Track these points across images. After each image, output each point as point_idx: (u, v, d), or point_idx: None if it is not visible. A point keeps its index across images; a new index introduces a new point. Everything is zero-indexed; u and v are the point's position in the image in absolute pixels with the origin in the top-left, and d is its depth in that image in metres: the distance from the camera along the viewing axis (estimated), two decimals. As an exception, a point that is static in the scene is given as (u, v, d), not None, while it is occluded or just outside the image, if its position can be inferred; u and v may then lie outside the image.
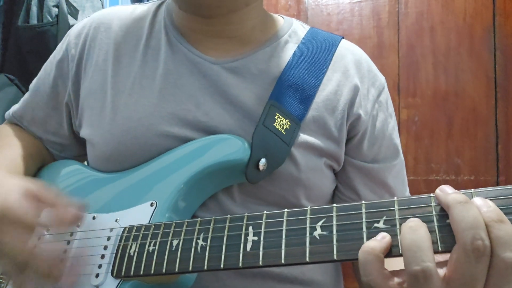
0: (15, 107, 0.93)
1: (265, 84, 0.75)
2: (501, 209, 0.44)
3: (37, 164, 0.88)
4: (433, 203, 0.48)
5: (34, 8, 1.46)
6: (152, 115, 0.74)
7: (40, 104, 0.88)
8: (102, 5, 1.68)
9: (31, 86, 0.91)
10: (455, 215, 0.44)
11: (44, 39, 1.45)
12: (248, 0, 0.76)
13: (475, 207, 0.44)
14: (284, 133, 0.71)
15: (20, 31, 1.46)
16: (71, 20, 1.51)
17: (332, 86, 0.77)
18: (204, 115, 0.73)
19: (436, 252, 0.45)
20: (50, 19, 1.45)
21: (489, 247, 0.42)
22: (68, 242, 0.71)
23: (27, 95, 0.92)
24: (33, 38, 1.46)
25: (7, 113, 0.94)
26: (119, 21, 0.84)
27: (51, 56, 0.89)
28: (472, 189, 0.47)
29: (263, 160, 0.69)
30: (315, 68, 0.77)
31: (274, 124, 0.71)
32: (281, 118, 0.72)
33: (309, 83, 0.75)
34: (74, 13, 1.54)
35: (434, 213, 0.47)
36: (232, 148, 0.70)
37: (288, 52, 0.79)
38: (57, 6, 1.46)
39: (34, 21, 1.46)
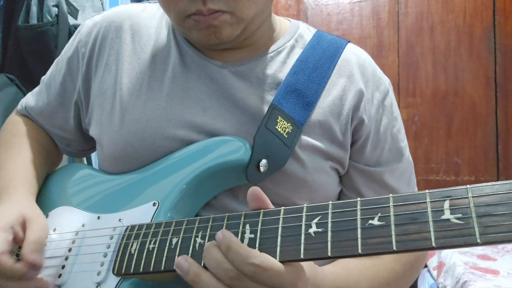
0: (28, 99, 0.94)
1: (270, 88, 0.76)
2: (497, 204, 0.44)
3: (47, 164, 0.90)
4: (428, 199, 0.48)
5: (34, 8, 1.46)
6: (160, 117, 0.75)
7: (49, 99, 0.89)
8: (102, 5, 1.68)
9: (44, 80, 0.92)
10: None
11: (44, 39, 1.45)
12: (258, 24, 0.76)
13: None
14: (286, 136, 0.72)
15: (20, 31, 1.46)
16: (71, 20, 1.51)
17: (337, 91, 0.78)
18: (210, 119, 0.74)
19: (430, 248, 0.46)
20: (50, 19, 1.45)
21: None
22: (74, 241, 0.73)
23: (39, 88, 0.93)
24: (33, 38, 1.45)
25: (20, 103, 0.96)
26: (130, 20, 0.84)
27: (63, 52, 0.90)
28: (468, 185, 0.47)
29: (263, 161, 0.70)
30: (318, 74, 0.77)
31: (276, 127, 0.72)
32: (283, 122, 0.73)
33: (310, 89, 0.76)
34: (74, 12, 1.54)
35: (428, 209, 0.47)
36: (233, 149, 0.70)
37: (294, 57, 0.80)
38: (57, 5, 1.46)
39: (34, 20, 1.46)
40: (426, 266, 2.24)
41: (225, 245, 0.53)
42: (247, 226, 0.56)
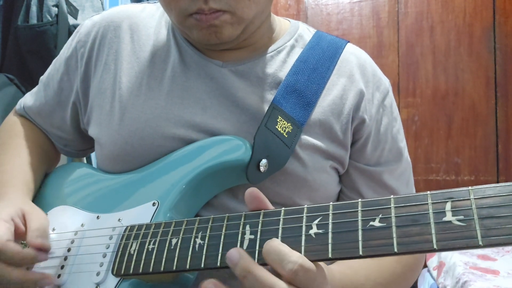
0: (26, 99, 0.94)
1: (270, 88, 0.76)
2: (500, 206, 0.44)
3: (45, 164, 0.90)
4: (429, 201, 0.48)
5: (34, 8, 1.46)
6: (160, 117, 0.75)
7: (47, 98, 0.90)
8: (102, 5, 1.68)
9: (43, 79, 0.92)
10: None
11: (44, 39, 1.45)
12: (258, 24, 0.76)
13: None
14: (286, 136, 0.72)
15: (19, 30, 1.46)
16: (70, 19, 1.51)
17: (337, 90, 0.78)
18: (210, 118, 0.74)
19: (432, 250, 0.45)
20: (50, 19, 1.45)
21: None
22: (73, 241, 0.73)
23: (37, 88, 0.93)
24: (33, 38, 1.45)
25: (18, 103, 0.96)
26: (129, 20, 0.84)
27: (61, 52, 0.90)
28: (470, 187, 0.47)
29: (263, 161, 0.70)
30: (317, 75, 0.78)
31: (276, 127, 0.72)
32: (283, 121, 0.73)
33: (310, 89, 0.76)
34: (74, 12, 1.54)
35: (430, 210, 0.47)
36: (233, 148, 0.70)
37: (294, 57, 0.80)
38: (57, 5, 1.46)
39: (33, 20, 1.46)
40: (426, 266, 2.24)
41: (266, 245, 0.52)
42: (247, 227, 0.56)
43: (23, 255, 0.66)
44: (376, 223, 0.49)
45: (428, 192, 0.48)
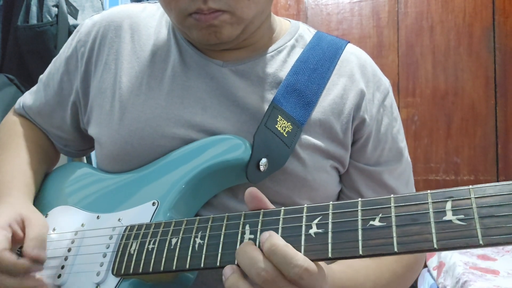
0: (25, 98, 0.94)
1: (270, 87, 0.77)
2: (500, 205, 0.44)
3: (45, 164, 0.90)
4: (429, 200, 0.48)
5: (33, 8, 1.46)
6: (160, 116, 0.75)
7: (47, 98, 0.89)
8: (102, 5, 1.68)
9: (42, 78, 0.92)
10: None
11: (44, 39, 1.45)
12: (258, 24, 0.76)
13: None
14: (286, 135, 0.72)
15: (19, 30, 1.46)
16: (70, 20, 1.51)
17: (338, 90, 0.78)
18: (210, 118, 0.74)
19: (432, 250, 0.45)
20: (50, 19, 1.45)
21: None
22: (73, 241, 0.73)
23: (36, 87, 0.93)
24: (33, 38, 1.45)
25: (17, 102, 0.95)
26: (129, 20, 0.84)
27: (61, 51, 0.90)
28: (471, 186, 0.47)
29: (263, 160, 0.70)
30: (318, 75, 0.78)
31: (276, 126, 0.72)
32: (283, 121, 0.73)
33: (310, 89, 0.76)
34: (74, 12, 1.54)
35: (430, 210, 0.47)
36: (232, 147, 0.70)
37: (294, 57, 0.80)
38: (56, 6, 1.46)
39: (33, 20, 1.46)
40: (426, 266, 2.24)
41: (269, 244, 0.51)
42: (247, 227, 0.56)
43: (18, 266, 0.66)
44: (376, 223, 0.49)
45: (428, 191, 0.48)
